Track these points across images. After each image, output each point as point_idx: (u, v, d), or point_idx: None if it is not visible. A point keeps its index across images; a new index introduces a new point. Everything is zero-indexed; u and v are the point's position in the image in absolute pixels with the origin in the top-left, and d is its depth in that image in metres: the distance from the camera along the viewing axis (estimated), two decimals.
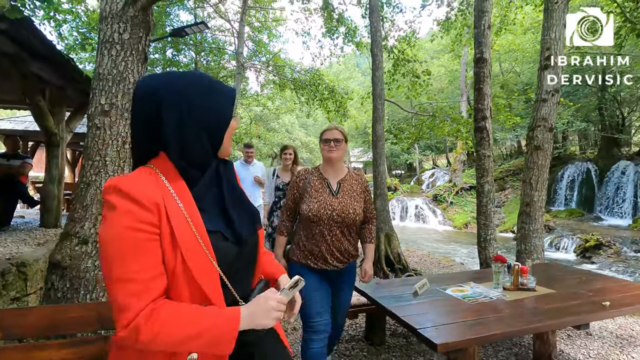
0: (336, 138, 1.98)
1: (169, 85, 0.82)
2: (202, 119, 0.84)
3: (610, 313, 2.10)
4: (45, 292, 2.02)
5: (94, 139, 2.04)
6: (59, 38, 7.52)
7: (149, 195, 0.77)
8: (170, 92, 0.81)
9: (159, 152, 0.84)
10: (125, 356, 0.81)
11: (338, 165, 2.05)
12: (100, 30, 2.08)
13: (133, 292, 0.73)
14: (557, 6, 3.97)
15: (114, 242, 0.73)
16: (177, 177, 0.84)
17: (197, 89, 0.84)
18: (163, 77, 0.85)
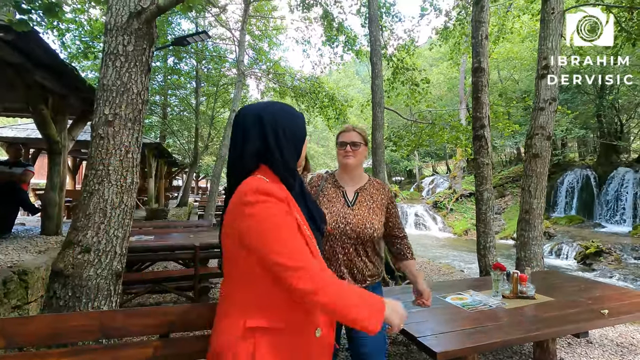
0: (353, 141, 1.71)
1: (266, 111, 1.06)
2: (292, 136, 1.08)
3: (609, 321, 2.11)
4: (46, 300, 2.03)
5: (98, 149, 2.07)
6: (61, 47, 7.62)
7: (284, 194, 1.00)
8: (269, 116, 1.05)
9: (260, 165, 1.05)
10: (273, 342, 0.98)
11: (356, 172, 1.78)
12: (105, 42, 2.12)
13: (309, 256, 0.95)
14: (553, 17, 4.04)
15: (281, 225, 0.94)
16: (280, 184, 1.05)
17: (285, 114, 1.08)
18: (259, 105, 1.09)
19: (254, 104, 1.10)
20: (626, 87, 13.38)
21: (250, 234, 0.95)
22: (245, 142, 1.05)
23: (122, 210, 2.14)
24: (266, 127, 1.04)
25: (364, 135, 1.76)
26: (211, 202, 9.83)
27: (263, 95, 14.67)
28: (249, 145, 1.04)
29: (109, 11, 2.11)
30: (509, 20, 9.17)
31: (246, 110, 1.09)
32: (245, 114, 1.07)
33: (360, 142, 1.73)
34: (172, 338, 1.51)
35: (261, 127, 1.04)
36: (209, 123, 14.06)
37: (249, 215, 0.95)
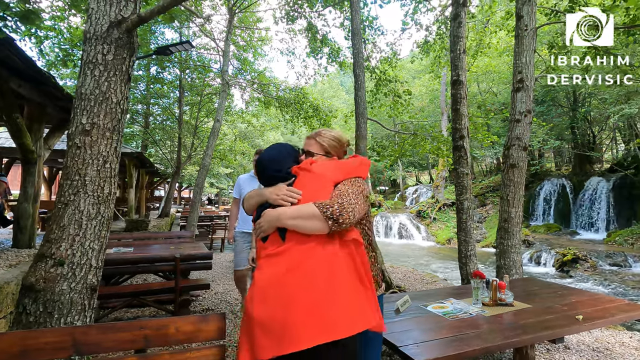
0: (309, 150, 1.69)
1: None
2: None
3: (584, 327, 2.17)
4: (16, 316, 1.94)
5: (74, 159, 2.02)
6: (39, 54, 7.44)
7: None
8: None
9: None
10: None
11: None
12: (84, 50, 2.09)
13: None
14: (526, 33, 4.22)
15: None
16: None
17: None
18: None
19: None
20: (597, 100, 14.04)
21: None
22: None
23: (99, 221, 2.08)
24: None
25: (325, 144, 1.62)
26: (194, 213, 9.65)
27: (247, 105, 14.66)
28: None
29: (89, 19, 2.09)
30: (486, 35, 9.52)
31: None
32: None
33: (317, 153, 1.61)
34: (148, 353, 1.47)
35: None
36: (192, 133, 13.91)
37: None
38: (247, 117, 15.88)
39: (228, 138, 18.32)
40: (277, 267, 1.28)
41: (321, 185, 1.42)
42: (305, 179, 1.45)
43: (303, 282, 1.23)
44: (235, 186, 3.89)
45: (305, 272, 1.25)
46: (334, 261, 1.29)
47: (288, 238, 1.33)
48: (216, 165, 19.01)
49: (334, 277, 1.26)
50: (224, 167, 20.39)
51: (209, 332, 1.52)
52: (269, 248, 1.36)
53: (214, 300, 4.67)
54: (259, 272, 1.32)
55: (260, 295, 1.26)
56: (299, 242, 1.30)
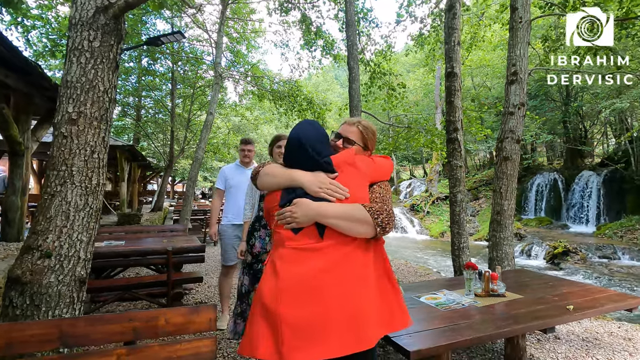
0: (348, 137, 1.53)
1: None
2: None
3: (574, 316, 2.19)
4: (2, 309, 1.90)
5: (60, 148, 1.97)
6: (27, 44, 7.26)
7: None
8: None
9: None
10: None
11: None
12: (70, 37, 2.03)
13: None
14: (520, 25, 4.21)
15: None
16: None
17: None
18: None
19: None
20: (589, 95, 14.14)
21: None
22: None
23: (87, 213, 2.04)
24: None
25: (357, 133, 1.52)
26: (187, 207, 9.58)
27: (241, 98, 14.51)
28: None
29: (74, 4, 2.02)
30: (481, 28, 9.50)
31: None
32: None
33: (357, 143, 1.50)
34: (138, 345, 1.44)
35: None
36: (185, 126, 13.76)
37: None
38: (241, 110, 15.74)
39: (221, 131, 18.17)
40: (310, 264, 1.21)
41: (361, 184, 1.35)
42: (349, 175, 1.35)
43: (341, 287, 1.18)
44: (220, 177, 3.66)
45: (343, 275, 1.20)
46: (370, 266, 1.27)
47: (327, 235, 1.25)
48: (209, 158, 18.88)
49: (370, 283, 1.24)
50: (218, 161, 20.26)
51: (199, 323, 1.50)
52: (301, 241, 1.26)
53: (207, 293, 4.65)
54: (286, 265, 1.23)
55: (292, 293, 1.18)
56: (340, 242, 1.25)
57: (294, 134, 1.37)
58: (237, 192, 3.52)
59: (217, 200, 3.71)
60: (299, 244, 1.26)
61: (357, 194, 1.31)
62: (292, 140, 1.36)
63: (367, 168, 1.39)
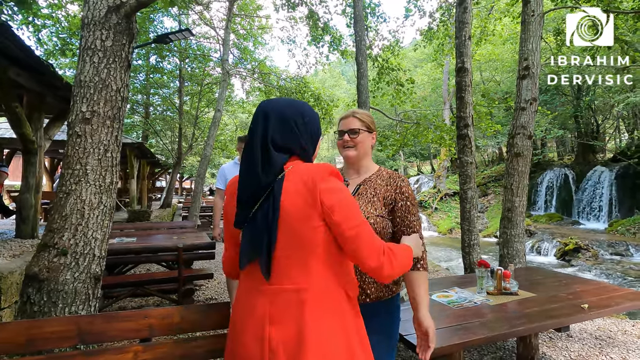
0: (351, 128, 1.46)
1: (293, 108, 1.11)
2: (318, 133, 1.17)
3: (589, 315, 2.16)
4: (20, 306, 1.94)
5: (75, 147, 1.99)
6: (37, 43, 7.35)
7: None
8: (311, 116, 1.14)
9: (292, 156, 1.08)
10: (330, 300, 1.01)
11: (362, 164, 1.52)
12: (82, 37, 2.04)
13: (373, 233, 1.03)
14: (533, 19, 4.13)
15: (354, 201, 1.03)
16: None
17: (313, 113, 1.16)
18: (285, 101, 1.13)
19: (277, 99, 1.14)
20: (602, 89, 13.87)
21: (341, 206, 0.99)
22: (281, 135, 1.07)
23: (101, 211, 2.06)
24: (306, 123, 1.12)
25: (364, 120, 1.48)
26: (195, 203, 9.66)
27: (248, 94, 14.54)
28: (285, 138, 1.08)
29: (86, 4, 2.03)
30: (490, 22, 9.36)
31: (274, 105, 1.11)
32: (273, 109, 1.10)
33: (361, 129, 1.46)
34: (153, 342, 1.46)
35: (297, 123, 1.10)
36: (192, 123, 13.83)
37: (336, 189, 1.00)
38: (248, 107, 15.77)
39: (229, 128, 18.24)
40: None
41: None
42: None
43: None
44: (219, 176, 3.59)
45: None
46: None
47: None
48: (217, 155, 18.97)
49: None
50: (225, 158, 20.36)
51: (213, 321, 1.51)
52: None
53: (217, 289, 4.69)
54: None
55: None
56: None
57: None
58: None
59: (218, 200, 3.62)
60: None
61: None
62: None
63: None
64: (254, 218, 1.01)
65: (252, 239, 1.01)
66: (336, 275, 1.03)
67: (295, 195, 0.99)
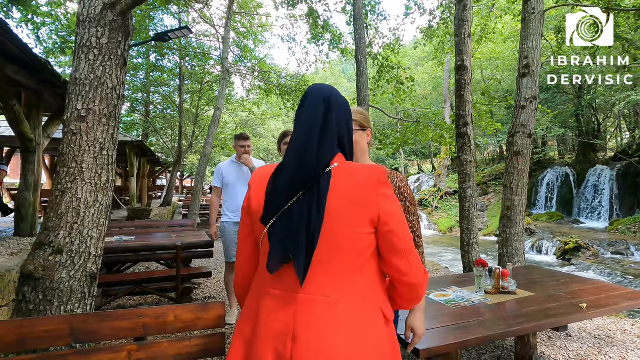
0: None
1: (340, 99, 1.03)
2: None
3: (587, 315, 2.15)
4: (16, 304, 1.93)
5: (70, 145, 1.98)
6: (37, 41, 7.33)
7: None
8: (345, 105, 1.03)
9: (339, 151, 0.97)
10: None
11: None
12: (78, 34, 2.03)
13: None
14: (533, 16, 4.11)
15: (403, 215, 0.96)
16: None
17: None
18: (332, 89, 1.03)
19: (324, 85, 1.03)
20: (603, 88, 13.82)
21: (399, 216, 0.92)
22: (340, 123, 0.99)
23: (97, 209, 2.05)
24: (347, 114, 1.02)
25: (357, 117, 1.42)
26: (195, 202, 9.66)
27: (248, 93, 14.51)
28: (342, 128, 0.99)
29: (82, 1, 2.02)
30: (491, 20, 9.32)
31: (331, 90, 1.01)
32: (332, 94, 1.00)
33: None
34: (148, 341, 1.45)
35: (350, 114, 1.03)
36: (193, 121, 13.82)
37: (393, 197, 0.94)
38: (248, 105, 15.76)
39: (229, 127, 18.23)
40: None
41: None
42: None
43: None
44: (216, 174, 3.56)
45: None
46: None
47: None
48: (217, 154, 18.98)
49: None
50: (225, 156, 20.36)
51: (208, 320, 1.51)
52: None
53: (216, 288, 4.69)
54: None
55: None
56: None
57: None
58: (234, 189, 3.48)
59: (215, 199, 3.60)
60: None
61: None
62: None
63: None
64: (290, 212, 0.87)
65: (287, 237, 0.86)
66: (375, 292, 0.92)
67: (345, 194, 0.88)
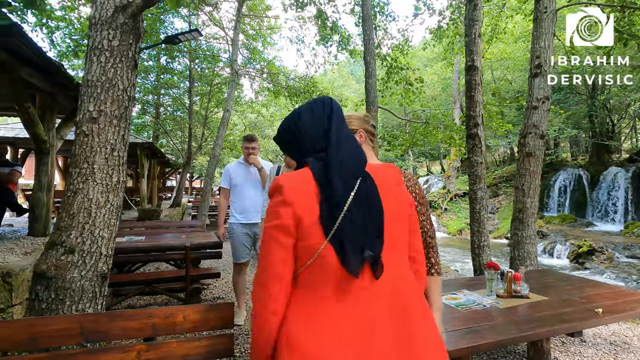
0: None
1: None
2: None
3: (603, 320, 2.09)
4: (29, 303, 1.96)
5: (82, 146, 2.01)
6: (51, 45, 7.49)
7: None
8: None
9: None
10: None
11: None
12: (90, 36, 2.06)
13: None
14: (546, 15, 4.04)
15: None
16: None
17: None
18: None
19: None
20: (617, 88, 13.53)
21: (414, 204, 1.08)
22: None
23: (108, 210, 2.07)
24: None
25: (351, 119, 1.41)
26: (204, 203, 9.73)
27: (257, 94, 14.59)
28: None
29: (94, 4, 2.05)
30: (502, 20, 9.21)
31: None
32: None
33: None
34: (157, 342, 1.46)
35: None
36: (202, 123, 13.94)
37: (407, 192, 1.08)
38: (257, 107, 15.83)
39: (238, 128, 18.34)
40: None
41: None
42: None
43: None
44: (224, 175, 3.57)
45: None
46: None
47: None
48: (226, 155, 19.10)
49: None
50: (234, 157, 20.50)
51: (216, 320, 1.51)
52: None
53: (224, 288, 4.70)
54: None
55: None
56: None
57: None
58: (241, 190, 3.48)
59: (223, 200, 3.62)
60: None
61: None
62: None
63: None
64: (352, 211, 0.87)
65: (358, 234, 0.86)
66: (413, 274, 1.03)
67: (387, 190, 0.95)
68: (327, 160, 0.92)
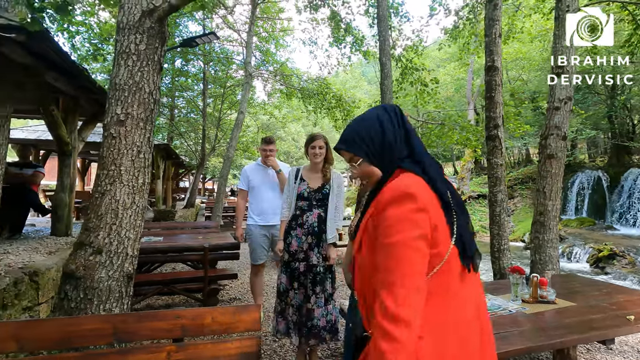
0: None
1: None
2: None
3: (636, 327, 2.03)
4: (58, 302, 2.00)
5: (110, 149, 2.05)
6: (71, 49, 7.68)
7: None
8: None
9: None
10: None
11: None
12: (117, 41, 2.10)
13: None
14: (567, 14, 3.95)
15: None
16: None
17: None
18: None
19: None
20: (638, 87, 13.14)
21: None
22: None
23: (134, 211, 2.11)
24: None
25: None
26: (218, 204, 9.83)
27: (270, 96, 14.67)
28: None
29: (121, 9, 2.09)
30: (519, 19, 9.05)
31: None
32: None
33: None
34: (186, 342, 1.47)
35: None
36: (215, 125, 14.09)
37: None
38: (269, 108, 15.92)
39: (251, 130, 18.47)
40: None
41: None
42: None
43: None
44: (242, 177, 3.58)
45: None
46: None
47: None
48: (239, 157, 19.25)
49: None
50: (247, 159, 20.65)
51: (245, 323, 1.51)
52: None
53: (240, 289, 4.73)
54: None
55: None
56: None
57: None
58: (259, 192, 3.49)
59: (241, 201, 3.64)
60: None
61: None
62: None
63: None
64: (457, 214, 0.95)
65: (468, 234, 0.95)
66: None
67: None
68: (423, 166, 0.93)
